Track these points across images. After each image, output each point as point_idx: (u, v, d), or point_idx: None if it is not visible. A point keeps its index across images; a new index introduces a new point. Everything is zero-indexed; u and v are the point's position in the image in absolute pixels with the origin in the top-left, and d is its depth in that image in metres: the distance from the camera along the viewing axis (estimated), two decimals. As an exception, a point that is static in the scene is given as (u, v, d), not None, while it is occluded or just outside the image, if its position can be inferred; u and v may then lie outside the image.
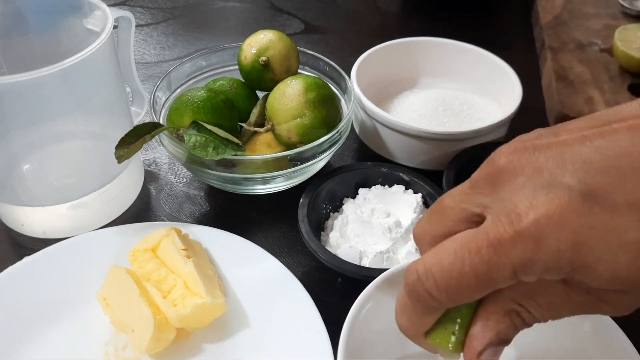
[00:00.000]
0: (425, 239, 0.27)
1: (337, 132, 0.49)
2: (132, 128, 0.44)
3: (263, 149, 0.51)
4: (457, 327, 0.25)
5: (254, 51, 0.53)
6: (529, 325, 0.25)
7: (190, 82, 0.57)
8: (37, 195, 0.47)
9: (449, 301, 0.24)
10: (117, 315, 0.40)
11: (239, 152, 0.45)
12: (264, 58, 0.52)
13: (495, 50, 0.62)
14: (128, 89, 0.55)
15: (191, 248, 0.44)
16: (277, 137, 0.50)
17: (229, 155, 0.45)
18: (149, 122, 0.46)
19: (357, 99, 0.55)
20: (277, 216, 0.52)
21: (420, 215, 0.47)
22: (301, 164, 0.48)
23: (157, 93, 0.52)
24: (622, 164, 0.21)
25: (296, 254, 0.49)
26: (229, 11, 0.87)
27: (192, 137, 0.45)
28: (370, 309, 0.33)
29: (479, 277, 0.22)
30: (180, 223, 0.48)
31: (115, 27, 0.46)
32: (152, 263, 0.42)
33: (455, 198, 0.25)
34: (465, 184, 0.25)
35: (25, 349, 0.40)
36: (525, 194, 0.22)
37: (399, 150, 0.54)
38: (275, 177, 0.48)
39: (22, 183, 0.47)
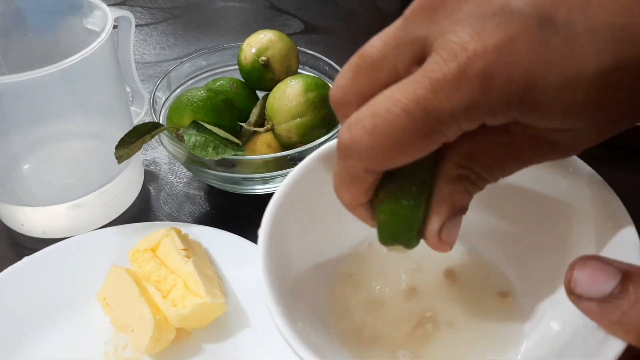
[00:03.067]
0: (350, 102, 0.22)
1: (337, 132, 0.48)
2: (132, 128, 0.44)
3: (263, 149, 0.50)
4: (405, 202, 0.22)
5: (254, 51, 0.53)
6: (480, 187, 0.22)
7: (190, 82, 0.57)
8: (37, 195, 0.47)
9: (373, 155, 0.20)
10: (117, 315, 0.40)
11: (239, 152, 0.45)
12: (264, 58, 0.52)
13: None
14: (128, 89, 0.55)
15: (191, 248, 0.44)
16: (277, 137, 0.50)
17: (229, 155, 0.45)
18: (149, 122, 0.46)
19: (357, 98, 0.55)
20: (277, 216, 0.52)
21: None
22: (301, 163, 0.48)
23: (157, 93, 0.52)
24: None
25: (296, 254, 0.48)
26: (229, 11, 0.87)
27: (192, 137, 0.45)
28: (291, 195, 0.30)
29: (416, 127, 0.19)
30: (180, 223, 0.48)
31: (115, 27, 0.46)
32: (152, 263, 0.42)
33: (386, 42, 0.21)
34: (396, 23, 0.21)
35: (25, 349, 0.40)
36: (472, 23, 0.18)
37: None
38: (275, 177, 0.48)
39: (22, 183, 0.47)
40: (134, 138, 0.44)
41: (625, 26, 0.17)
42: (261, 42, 0.53)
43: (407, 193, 0.22)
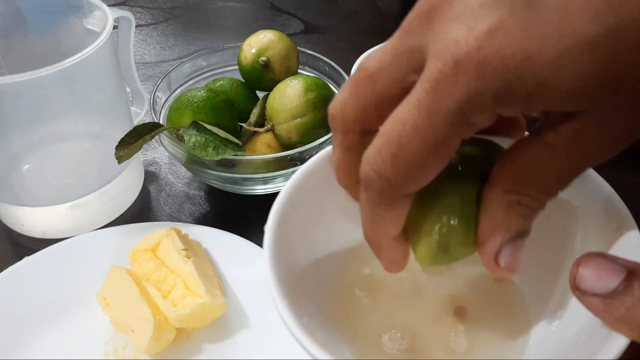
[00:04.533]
0: (350, 115, 0.22)
1: (337, 132, 0.48)
2: (132, 128, 0.44)
3: (263, 149, 0.51)
4: (437, 230, 0.22)
5: (254, 51, 0.53)
6: (540, 206, 0.21)
7: (190, 82, 0.57)
8: (37, 195, 0.47)
9: (401, 180, 0.20)
10: (117, 315, 0.40)
11: (239, 152, 0.45)
12: (264, 58, 0.52)
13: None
14: (128, 89, 0.55)
15: (191, 248, 0.44)
16: (277, 137, 0.50)
17: (229, 155, 0.45)
18: (149, 122, 0.46)
19: (357, 99, 0.55)
20: (277, 216, 0.52)
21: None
22: (301, 164, 0.48)
23: (157, 93, 0.52)
24: None
25: (296, 254, 0.48)
26: (229, 11, 0.87)
27: (192, 137, 0.45)
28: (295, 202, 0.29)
29: (429, 138, 0.19)
30: (180, 223, 0.48)
31: (115, 27, 0.46)
32: (152, 263, 0.42)
33: (384, 53, 0.21)
34: (394, 35, 0.21)
35: (25, 349, 0.40)
36: (462, 20, 0.18)
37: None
38: (275, 177, 0.48)
39: (22, 183, 0.47)
40: (134, 138, 0.44)
41: None
42: (261, 42, 0.53)
43: (449, 207, 0.22)
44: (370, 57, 0.21)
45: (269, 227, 0.27)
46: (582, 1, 0.17)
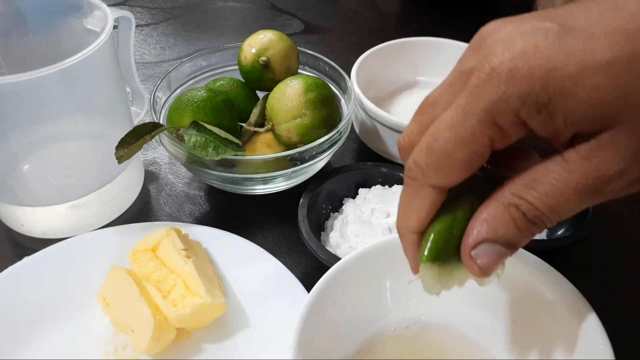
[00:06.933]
0: (414, 142, 0.25)
1: (337, 132, 0.49)
2: (132, 128, 0.44)
3: (263, 149, 0.51)
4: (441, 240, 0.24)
5: (254, 51, 0.53)
6: (531, 220, 0.22)
7: (190, 82, 0.57)
8: (37, 195, 0.47)
9: (432, 169, 0.23)
10: (117, 315, 0.40)
11: (239, 152, 0.45)
12: (264, 58, 0.52)
13: (495, 50, 0.62)
14: (128, 89, 0.55)
15: (191, 248, 0.44)
16: (277, 137, 0.50)
17: (229, 155, 0.45)
18: (149, 122, 0.46)
19: (357, 99, 0.55)
20: (277, 216, 0.52)
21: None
22: (301, 164, 0.48)
23: (157, 93, 0.52)
24: (599, 3, 0.21)
25: (296, 254, 0.48)
26: (229, 11, 0.87)
27: (192, 137, 0.45)
28: (319, 307, 0.33)
29: (459, 133, 0.22)
30: (180, 223, 0.48)
31: (115, 27, 0.46)
32: (152, 263, 0.42)
33: (443, 84, 0.24)
34: (452, 71, 0.24)
35: (25, 349, 0.40)
36: (505, 41, 0.22)
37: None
38: (275, 177, 0.48)
39: (22, 183, 0.47)
40: (134, 138, 0.44)
41: (637, 28, 0.20)
42: (261, 42, 0.53)
43: (455, 215, 0.24)
44: (432, 91, 0.25)
45: (294, 340, 0.30)
46: (605, 32, 0.20)
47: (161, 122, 0.49)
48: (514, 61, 0.21)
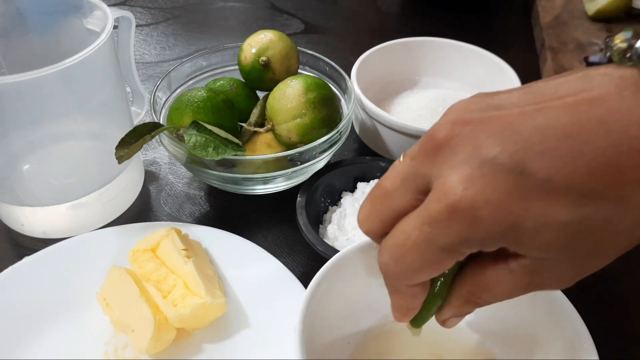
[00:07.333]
0: (374, 228, 0.27)
1: (337, 132, 0.49)
2: (132, 128, 0.44)
3: (263, 149, 0.51)
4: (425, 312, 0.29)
5: (254, 51, 0.53)
6: (487, 304, 0.27)
7: (190, 82, 0.57)
8: (37, 195, 0.47)
9: (404, 276, 0.26)
10: (117, 315, 0.40)
11: (239, 152, 0.45)
12: (264, 58, 0.52)
13: (495, 50, 0.62)
14: (128, 89, 0.55)
15: (191, 248, 0.44)
16: (277, 137, 0.50)
17: (229, 155, 0.45)
18: (149, 122, 0.46)
19: (357, 99, 0.55)
20: (277, 216, 0.52)
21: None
22: (301, 164, 0.48)
23: (157, 93, 0.52)
24: (561, 146, 0.21)
25: (296, 254, 0.49)
26: (229, 11, 0.87)
27: (192, 137, 0.45)
28: (324, 290, 0.33)
29: (425, 255, 0.24)
30: (180, 223, 0.48)
31: (115, 27, 0.46)
32: (152, 263, 0.42)
33: (396, 176, 0.26)
34: (404, 161, 0.26)
35: (25, 349, 0.40)
36: (463, 172, 0.22)
37: (399, 150, 0.54)
38: (275, 177, 0.48)
39: (22, 183, 0.47)
40: (134, 138, 0.44)
41: (590, 191, 0.21)
42: (261, 42, 0.53)
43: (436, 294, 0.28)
44: (384, 177, 0.26)
45: (298, 322, 0.30)
46: (565, 192, 0.21)
47: (161, 122, 0.49)
48: (475, 207, 0.22)
